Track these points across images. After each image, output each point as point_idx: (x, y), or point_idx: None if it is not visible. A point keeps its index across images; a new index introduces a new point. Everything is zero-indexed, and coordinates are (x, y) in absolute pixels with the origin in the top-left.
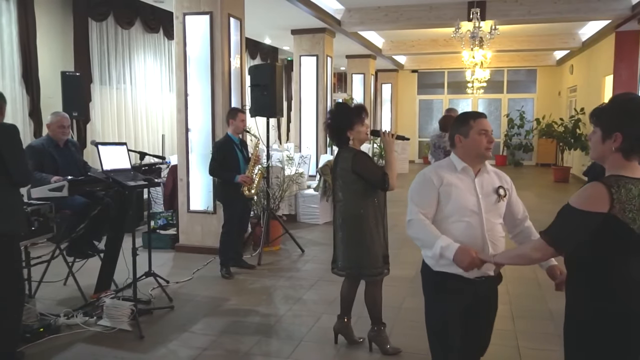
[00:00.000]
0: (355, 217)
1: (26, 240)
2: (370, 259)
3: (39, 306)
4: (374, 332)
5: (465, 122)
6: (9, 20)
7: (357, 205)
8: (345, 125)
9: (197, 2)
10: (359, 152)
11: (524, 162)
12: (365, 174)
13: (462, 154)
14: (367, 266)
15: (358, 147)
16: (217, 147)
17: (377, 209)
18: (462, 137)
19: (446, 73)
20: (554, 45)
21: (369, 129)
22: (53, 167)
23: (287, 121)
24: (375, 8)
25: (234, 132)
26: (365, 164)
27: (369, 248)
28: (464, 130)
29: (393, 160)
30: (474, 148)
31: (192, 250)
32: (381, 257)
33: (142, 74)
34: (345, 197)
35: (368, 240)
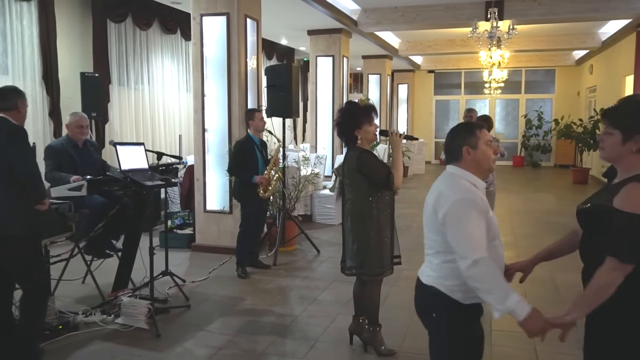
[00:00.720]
0: (361, 217)
1: (46, 238)
2: (373, 259)
3: (58, 304)
4: (370, 332)
5: (472, 132)
6: (30, 22)
7: (363, 204)
8: (353, 125)
9: (214, 3)
10: (364, 151)
11: (541, 163)
12: (369, 173)
13: (472, 167)
14: (369, 265)
15: (366, 146)
16: (237, 146)
17: (384, 209)
18: (470, 149)
19: (463, 73)
20: (573, 45)
21: (378, 129)
22: (72, 167)
23: (303, 122)
24: (392, 8)
25: (255, 132)
26: (370, 163)
27: (373, 248)
28: (472, 141)
29: (399, 160)
30: (485, 160)
31: (208, 249)
32: (387, 258)
33: (159, 75)
34: (352, 197)
35: (373, 240)
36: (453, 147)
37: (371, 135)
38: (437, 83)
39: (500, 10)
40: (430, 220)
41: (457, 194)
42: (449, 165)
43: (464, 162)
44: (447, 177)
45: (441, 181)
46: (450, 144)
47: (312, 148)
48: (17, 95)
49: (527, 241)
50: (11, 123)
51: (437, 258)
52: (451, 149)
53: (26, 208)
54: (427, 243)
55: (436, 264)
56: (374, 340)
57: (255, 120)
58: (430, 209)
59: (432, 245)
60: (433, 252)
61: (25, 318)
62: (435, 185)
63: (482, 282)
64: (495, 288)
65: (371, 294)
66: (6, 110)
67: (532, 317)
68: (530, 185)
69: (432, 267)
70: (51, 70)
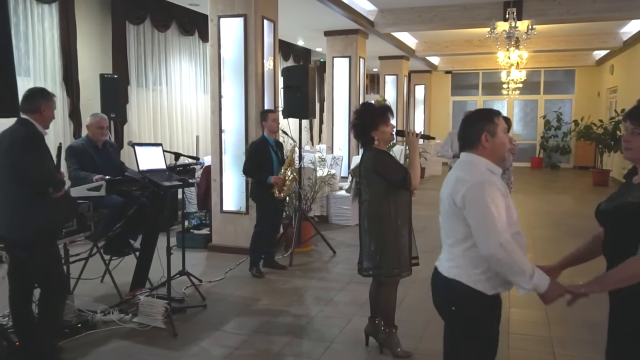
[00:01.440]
0: (378, 217)
1: (66, 238)
2: (389, 260)
3: (77, 302)
4: (385, 334)
5: (491, 119)
6: (51, 25)
7: (380, 205)
8: (369, 126)
9: (232, 4)
10: (380, 152)
11: (560, 164)
12: (386, 173)
13: (489, 154)
14: (385, 266)
15: (383, 147)
16: (252, 147)
17: (401, 210)
18: (489, 136)
19: (481, 74)
20: (594, 44)
21: (395, 130)
22: (92, 167)
23: (319, 122)
24: (409, 9)
25: (269, 133)
26: (386, 164)
27: (390, 249)
28: (491, 127)
29: (416, 160)
30: (502, 149)
31: (224, 250)
32: (404, 259)
33: (177, 76)
34: (369, 197)
35: (390, 241)
36: (470, 133)
37: (388, 136)
38: (455, 84)
39: (518, 10)
40: (449, 208)
41: (476, 177)
42: (465, 153)
43: (482, 149)
44: (464, 164)
45: (457, 168)
46: (468, 131)
47: (328, 149)
48: (42, 98)
49: (545, 243)
50: (29, 129)
51: (458, 247)
52: (468, 136)
53: (37, 212)
54: (446, 233)
55: (456, 254)
56: (390, 342)
57: (269, 121)
58: (447, 197)
59: (452, 233)
60: (452, 242)
61: (43, 316)
62: (450, 173)
63: (508, 265)
64: (521, 270)
65: (387, 295)
66: (30, 112)
67: (552, 286)
68: (549, 187)
69: (452, 257)
70: (71, 72)
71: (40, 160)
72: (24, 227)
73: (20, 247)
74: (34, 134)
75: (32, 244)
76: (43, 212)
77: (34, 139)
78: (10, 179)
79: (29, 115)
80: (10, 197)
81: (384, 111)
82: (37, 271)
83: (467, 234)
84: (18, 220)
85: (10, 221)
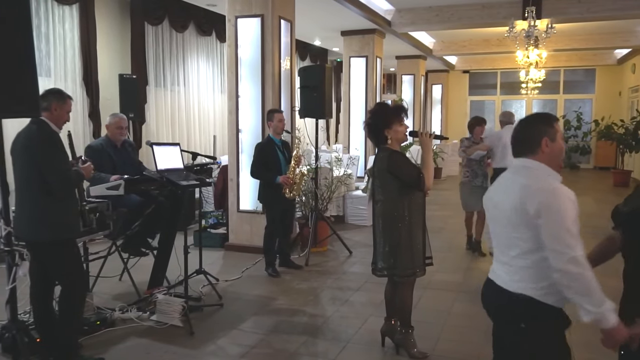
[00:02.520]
0: (392, 218)
1: (85, 236)
2: (404, 260)
3: (96, 300)
4: (402, 334)
5: (551, 124)
6: (72, 26)
7: (394, 205)
8: (382, 125)
9: (249, 5)
10: (394, 152)
11: (580, 165)
12: (400, 174)
13: (548, 160)
14: (400, 267)
15: (396, 147)
16: (258, 148)
17: (415, 210)
18: (549, 141)
19: (499, 73)
20: (615, 43)
21: (408, 130)
22: (111, 167)
23: (335, 122)
24: (426, 8)
25: (275, 133)
26: (400, 164)
27: (404, 249)
28: (551, 132)
29: (430, 160)
30: (560, 155)
31: (241, 249)
32: (418, 259)
33: (195, 76)
34: (383, 198)
35: (404, 241)
36: (529, 138)
37: (401, 136)
38: (472, 83)
39: (538, 9)
40: (516, 217)
41: (548, 184)
42: (523, 159)
43: (541, 155)
44: (525, 170)
45: (519, 175)
46: (526, 135)
47: (344, 149)
48: (53, 97)
49: None
50: (42, 128)
51: (526, 259)
52: (526, 140)
53: (54, 214)
54: (506, 244)
55: (522, 266)
56: (406, 343)
57: (274, 121)
58: (512, 206)
59: (519, 244)
60: (517, 253)
61: (63, 313)
62: (507, 179)
63: (579, 282)
64: (593, 290)
65: (403, 296)
66: (44, 110)
67: (620, 326)
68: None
69: (516, 270)
70: (91, 72)
71: (55, 161)
72: (40, 228)
73: (38, 248)
74: (48, 134)
75: (48, 245)
76: (57, 212)
77: (48, 139)
78: (26, 180)
79: (44, 114)
80: (26, 198)
81: (398, 111)
82: (55, 271)
83: (538, 245)
84: (33, 221)
85: (27, 222)
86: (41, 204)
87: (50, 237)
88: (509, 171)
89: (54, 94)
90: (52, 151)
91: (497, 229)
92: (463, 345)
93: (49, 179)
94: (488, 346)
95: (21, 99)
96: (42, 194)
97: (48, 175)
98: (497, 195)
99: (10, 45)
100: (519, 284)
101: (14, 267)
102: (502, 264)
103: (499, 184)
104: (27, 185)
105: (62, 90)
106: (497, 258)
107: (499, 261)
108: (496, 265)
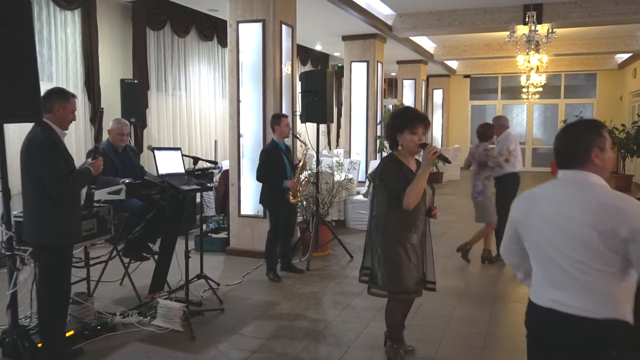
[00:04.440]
0: (377, 225)
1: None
2: (384, 276)
3: (97, 305)
4: (388, 347)
5: (600, 133)
6: (74, 31)
7: (380, 212)
8: (395, 128)
9: (251, 10)
10: (390, 159)
11: None
12: (388, 183)
13: (600, 171)
14: (380, 282)
15: (406, 156)
16: (264, 153)
17: (407, 224)
18: (598, 151)
19: (500, 78)
20: (616, 48)
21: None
22: (113, 171)
23: (337, 127)
24: (428, 13)
25: (280, 138)
26: (390, 173)
27: (385, 264)
28: (601, 142)
29: (422, 178)
30: (610, 166)
31: (242, 253)
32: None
33: (196, 81)
34: (375, 202)
35: (386, 256)
36: (577, 148)
37: (411, 145)
38: (473, 88)
39: (539, 13)
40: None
41: (628, 201)
42: (574, 171)
43: (592, 166)
44: (581, 183)
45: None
46: (574, 145)
47: (345, 153)
48: (56, 97)
49: None
50: (44, 131)
51: (605, 282)
52: (575, 151)
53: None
54: (581, 268)
55: (605, 292)
56: (390, 356)
57: (282, 125)
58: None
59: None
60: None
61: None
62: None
63: None
64: None
65: (389, 310)
66: (47, 112)
67: None
68: None
69: (599, 295)
70: (93, 77)
71: (50, 165)
72: (37, 231)
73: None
74: (48, 137)
75: (43, 248)
76: (56, 217)
77: (47, 142)
78: (28, 183)
79: (46, 115)
80: (27, 200)
81: (414, 117)
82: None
83: (624, 265)
84: (32, 224)
85: (28, 225)
86: (40, 207)
87: (47, 242)
88: (560, 184)
89: (56, 94)
90: (49, 154)
91: (558, 250)
92: (465, 350)
93: (44, 182)
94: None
95: (23, 103)
96: (42, 198)
97: (43, 179)
98: (549, 210)
99: (12, 50)
100: (610, 310)
101: (15, 272)
102: (571, 290)
103: (545, 198)
104: (29, 188)
105: (65, 89)
106: (556, 283)
107: (561, 287)
108: (556, 292)
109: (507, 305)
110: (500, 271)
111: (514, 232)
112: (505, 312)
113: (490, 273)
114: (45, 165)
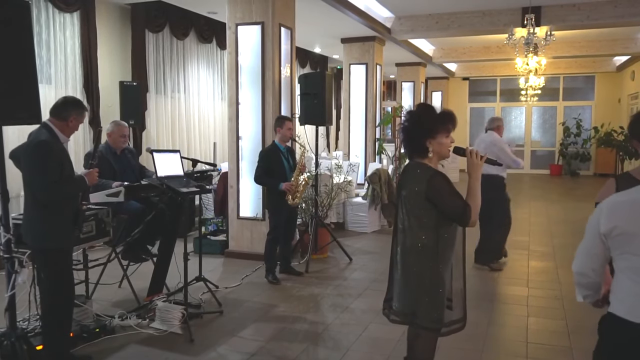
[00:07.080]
0: (417, 251)
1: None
2: (428, 306)
3: (95, 307)
4: None
5: None
6: (72, 34)
7: (422, 236)
8: (424, 132)
9: (250, 12)
10: (436, 174)
11: (580, 172)
12: (441, 203)
13: None
14: (424, 314)
15: (436, 164)
16: (263, 155)
17: (448, 244)
18: None
19: (499, 80)
20: (615, 50)
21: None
22: (111, 174)
23: (336, 129)
24: (426, 15)
25: (281, 140)
26: (443, 191)
27: (428, 291)
28: None
29: (478, 188)
30: None
31: (241, 256)
32: (457, 308)
33: (195, 83)
34: (409, 225)
35: (430, 281)
36: None
37: (445, 150)
38: (472, 90)
39: (537, 16)
40: None
41: None
42: None
43: None
44: None
45: None
46: None
47: (344, 156)
48: (74, 109)
49: (566, 252)
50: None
51: None
52: None
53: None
54: None
55: None
56: None
57: (284, 128)
58: None
59: None
60: None
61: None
62: None
63: None
64: None
65: (424, 347)
66: (58, 118)
67: None
68: (569, 195)
69: None
70: (92, 80)
71: (42, 169)
72: (33, 234)
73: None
74: (46, 141)
75: (41, 252)
76: (45, 221)
77: (44, 145)
78: (25, 184)
79: (55, 120)
80: (26, 202)
81: (447, 118)
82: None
83: None
84: (28, 226)
85: (26, 226)
86: (33, 210)
87: (35, 245)
88: None
89: (75, 106)
90: (41, 159)
91: None
92: (465, 352)
93: (33, 187)
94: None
95: (22, 106)
96: (34, 201)
97: (32, 184)
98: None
99: (11, 53)
100: None
101: (13, 274)
102: None
103: None
104: (26, 189)
105: (82, 102)
106: None
107: None
108: None
109: (505, 307)
110: (496, 273)
111: (602, 245)
112: (505, 313)
113: (489, 275)
114: (34, 169)
